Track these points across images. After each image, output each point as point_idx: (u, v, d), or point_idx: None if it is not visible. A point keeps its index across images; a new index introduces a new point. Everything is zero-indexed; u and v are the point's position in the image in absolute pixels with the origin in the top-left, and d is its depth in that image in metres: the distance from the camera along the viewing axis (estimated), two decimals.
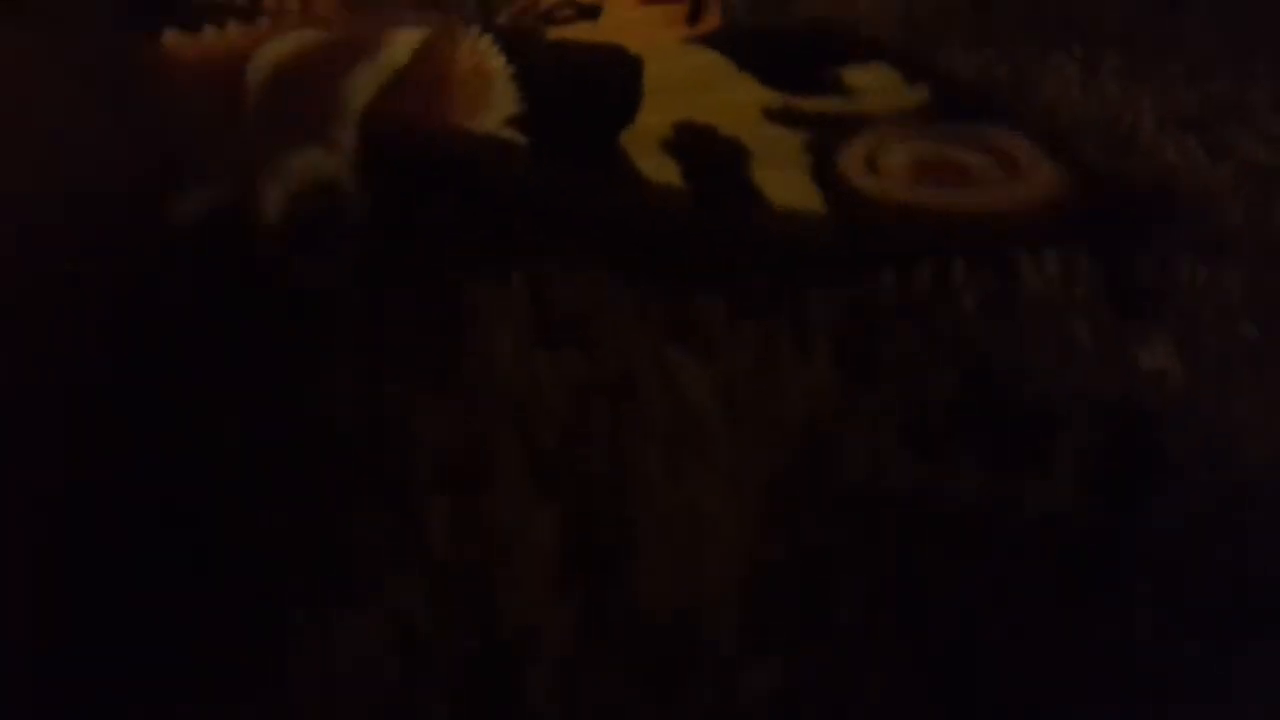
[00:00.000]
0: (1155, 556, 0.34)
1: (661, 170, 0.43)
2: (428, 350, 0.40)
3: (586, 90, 0.48)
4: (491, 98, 0.46)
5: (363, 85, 0.46)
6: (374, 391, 0.38)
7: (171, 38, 0.49)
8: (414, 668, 0.29)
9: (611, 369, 0.41)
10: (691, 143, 0.43)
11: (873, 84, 0.46)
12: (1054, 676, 0.31)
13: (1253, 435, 0.38)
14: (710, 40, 0.49)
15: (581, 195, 0.44)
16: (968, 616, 0.32)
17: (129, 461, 0.33)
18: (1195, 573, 0.34)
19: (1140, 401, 0.38)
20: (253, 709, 0.29)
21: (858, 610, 0.32)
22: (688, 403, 0.39)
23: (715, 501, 0.35)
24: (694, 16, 0.51)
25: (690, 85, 0.46)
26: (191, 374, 0.37)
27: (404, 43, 0.49)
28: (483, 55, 0.49)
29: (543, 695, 0.29)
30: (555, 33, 0.52)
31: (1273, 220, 0.49)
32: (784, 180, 0.42)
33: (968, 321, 0.41)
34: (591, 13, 0.53)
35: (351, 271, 0.43)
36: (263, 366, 0.38)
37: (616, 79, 0.46)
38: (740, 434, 0.38)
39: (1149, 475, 0.36)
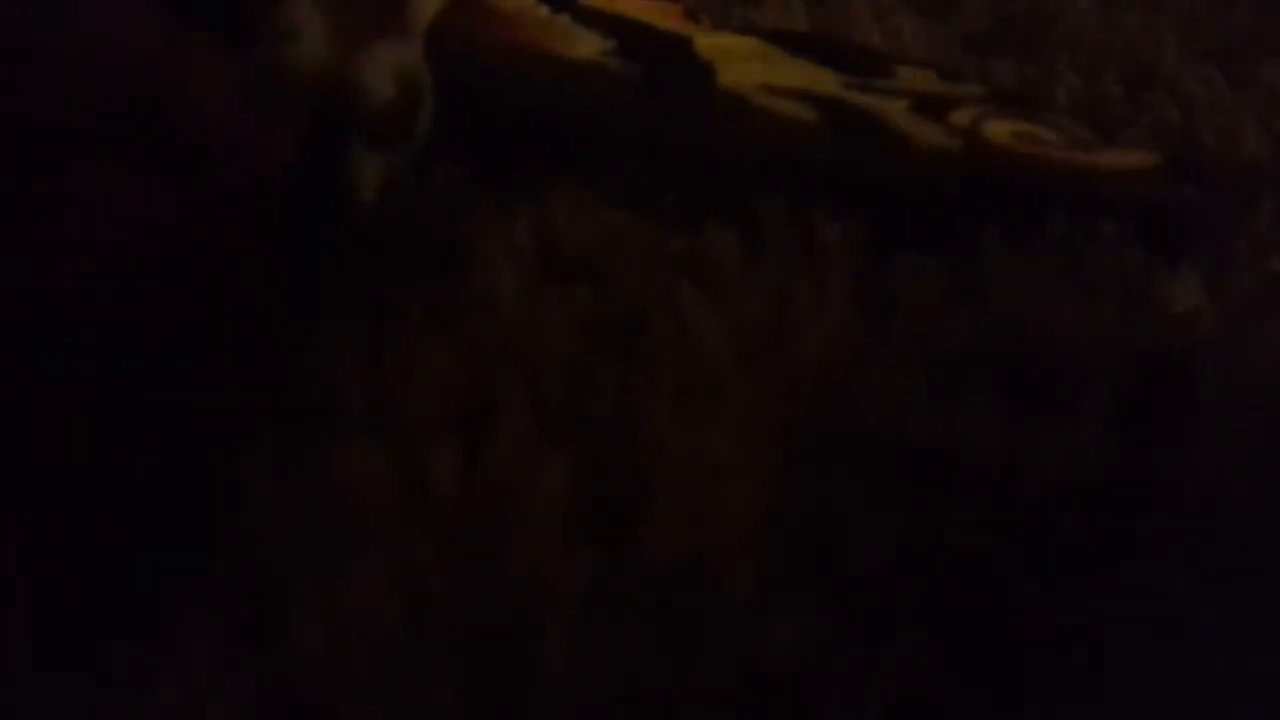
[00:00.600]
0: (1189, 501, 0.33)
1: (794, 109, 0.43)
2: (427, 288, 0.39)
3: (658, 43, 0.47)
4: (572, 34, 0.46)
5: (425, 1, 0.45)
6: (372, 332, 0.37)
7: None
8: (420, 620, 0.28)
9: (621, 307, 0.40)
10: (798, 96, 0.43)
11: (926, 79, 0.46)
12: (1082, 628, 0.30)
13: None
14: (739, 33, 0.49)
15: (709, 122, 0.44)
16: (991, 568, 0.31)
17: (126, 410, 0.32)
18: (1230, 517, 0.32)
19: (1170, 343, 0.37)
20: (254, 664, 0.28)
21: (877, 562, 0.30)
22: (700, 347, 0.38)
23: (729, 449, 0.34)
24: (693, 17, 0.51)
25: (749, 58, 0.46)
26: (185, 316, 0.35)
27: None
28: (523, 3, 0.48)
29: (556, 648, 0.28)
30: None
31: None
32: (918, 126, 0.43)
33: (989, 260, 0.40)
34: None
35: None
36: (256, 311, 0.37)
37: (672, 43, 0.46)
38: (754, 379, 0.37)
39: (1182, 418, 0.35)
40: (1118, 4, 0.62)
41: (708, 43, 0.46)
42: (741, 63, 0.45)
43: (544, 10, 0.47)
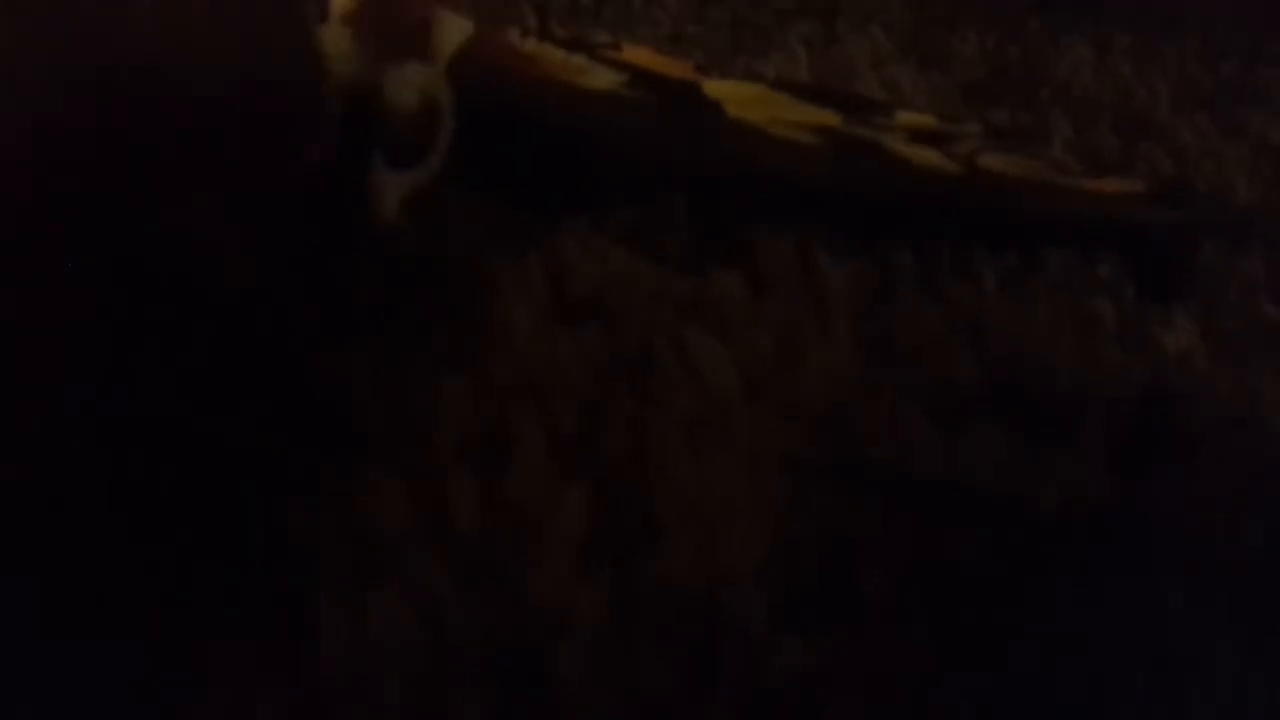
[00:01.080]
0: (1184, 534, 0.34)
1: (796, 134, 0.46)
2: (447, 326, 0.40)
3: (664, 86, 0.49)
4: (588, 70, 0.48)
5: (450, 31, 0.47)
6: (394, 369, 0.38)
7: None
8: (441, 645, 0.29)
9: (631, 345, 0.41)
10: (801, 125, 0.45)
11: (928, 120, 0.48)
12: (1083, 655, 0.31)
13: (1277, 412, 0.37)
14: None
15: (722, 149, 0.46)
16: (996, 596, 0.31)
17: (160, 441, 0.33)
18: (1224, 549, 0.33)
19: (1166, 381, 0.38)
20: (283, 690, 0.29)
21: (885, 590, 0.31)
22: (707, 383, 0.39)
23: (737, 482, 0.35)
24: (703, 70, 0.53)
25: (758, 101, 0.48)
26: (213, 350, 0.36)
27: (460, 25, 0.49)
28: (537, 48, 0.50)
29: (575, 674, 0.28)
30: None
31: None
32: (918, 152, 0.45)
33: (989, 301, 0.41)
34: (614, 47, 0.55)
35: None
36: (281, 346, 0.38)
37: (681, 85, 0.48)
38: (760, 413, 0.38)
39: (1177, 453, 0.36)
40: (1111, 53, 0.63)
41: (715, 87, 0.48)
42: (748, 102, 0.47)
43: (560, 52, 0.49)
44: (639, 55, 0.54)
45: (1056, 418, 0.37)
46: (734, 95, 0.48)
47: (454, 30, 0.47)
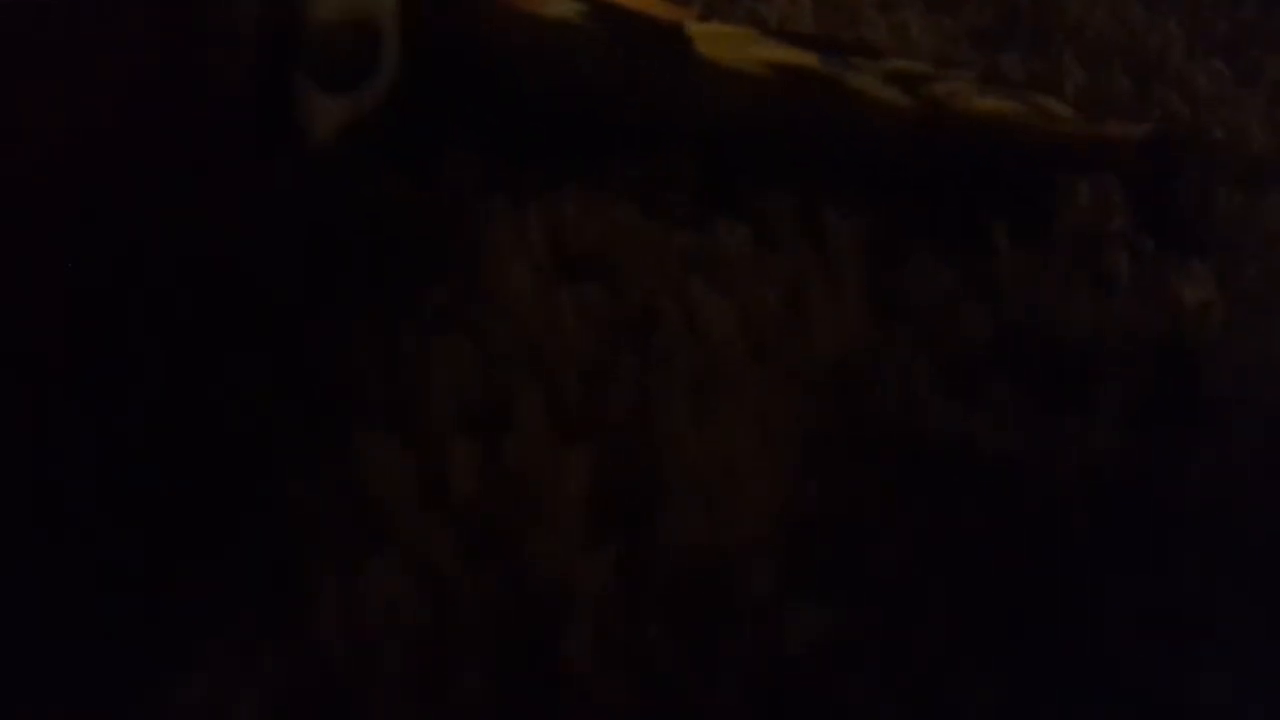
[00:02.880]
0: (1200, 500, 0.33)
1: (749, 66, 0.44)
2: (441, 286, 0.39)
3: (637, 20, 0.48)
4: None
5: None
6: (388, 330, 0.37)
7: None
8: (443, 613, 0.28)
9: (633, 303, 0.40)
10: (769, 64, 0.44)
11: (921, 67, 0.46)
12: (1095, 623, 0.30)
13: None
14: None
15: (669, 80, 0.45)
16: (1009, 561, 0.31)
17: (150, 409, 0.32)
18: (1239, 512, 0.33)
19: (1183, 339, 0.37)
20: (282, 657, 0.28)
21: (895, 555, 0.31)
22: (713, 342, 0.38)
23: (745, 446, 0.34)
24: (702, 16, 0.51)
25: (737, 40, 0.46)
26: (205, 314, 0.36)
27: None
28: None
29: (579, 644, 0.28)
30: None
31: None
32: (884, 90, 0.44)
33: (1000, 257, 0.40)
34: None
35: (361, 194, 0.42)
36: (274, 308, 0.37)
37: (660, 23, 0.47)
38: (768, 375, 0.37)
39: (1195, 412, 0.35)
40: None
41: (698, 28, 0.47)
42: (724, 40, 0.46)
43: None
44: None
45: (1070, 377, 0.36)
46: (715, 34, 0.47)
47: None
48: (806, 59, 0.46)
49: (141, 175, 0.35)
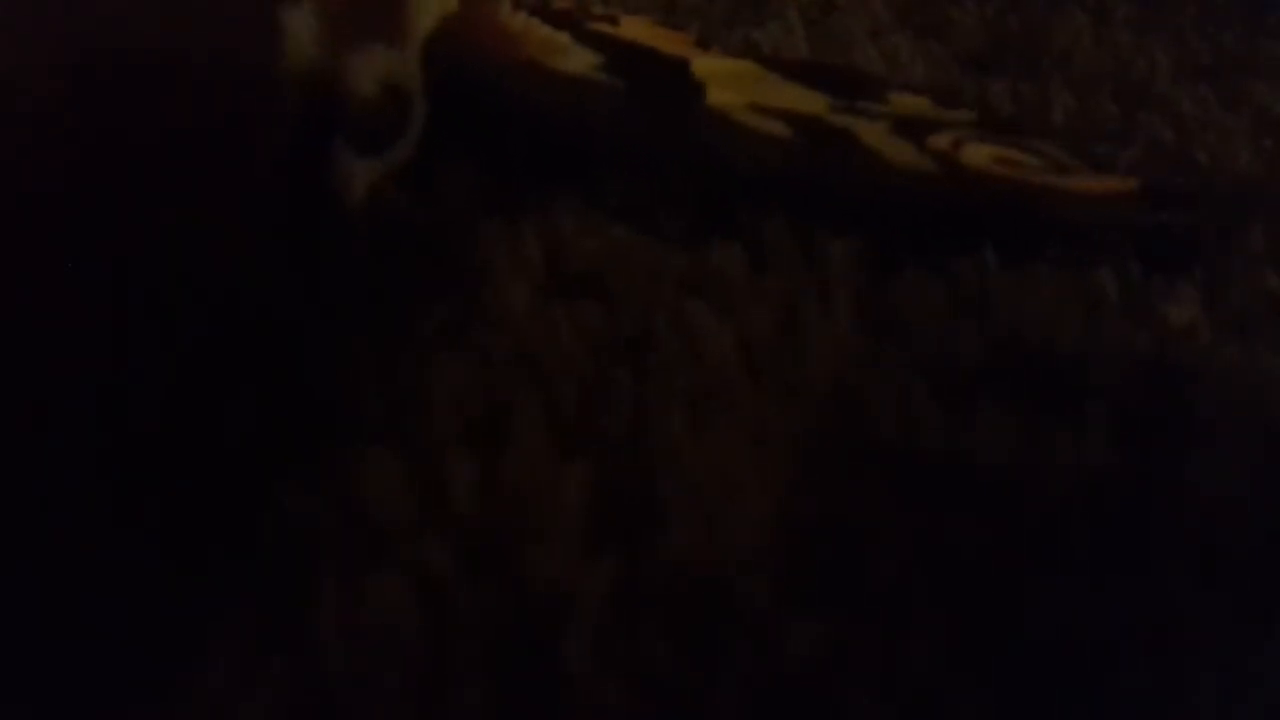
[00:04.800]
0: (1189, 514, 0.33)
1: (767, 124, 0.44)
2: (440, 303, 0.39)
3: (648, 66, 0.48)
4: (567, 50, 0.47)
5: (424, 13, 0.46)
6: (388, 346, 0.37)
7: None
8: (442, 629, 0.29)
9: (630, 322, 0.40)
10: (781, 116, 0.44)
11: (916, 104, 0.47)
12: (1089, 634, 0.31)
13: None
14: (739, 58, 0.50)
15: (687, 137, 0.45)
16: (1002, 576, 0.31)
17: (148, 420, 0.33)
18: (1229, 529, 0.33)
19: (1169, 357, 0.38)
20: (282, 672, 0.28)
21: (891, 569, 0.31)
22: (709, 361, 0.39)
23: (741, 461, 0.35)
24: (702, 45, 0.52)
25: (742, 79, 0.47)
26: (206, 330, 0.36)
27: (439, 2, 0.49)
28: (526, 23, 0.49)
29: (578, 658, 0.28)
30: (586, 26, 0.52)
31: None
32: (894, 146, 0.44)
33: (991, 276, 0.41)
34: (611, 20, 0.54)
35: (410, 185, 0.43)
36: (274, 325, 0.37)
37: (668, 64, 0.47)
38: (763, 391, 0.38)
39: (1181, 431, 0.35)
40: (1110, 23, 0.63)
41: (704, 65, 0.47)
42: (733, 83, 0.46)
43: (546, 30, 0.48)
44: (636, 27, 0.54)
45: (1061, 394, 0.37)
46: (721, 73, 0.47)
47: (431, 9, 0.46)
48: (816, 103, 0.46)
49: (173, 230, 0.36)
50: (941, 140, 0.44)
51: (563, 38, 0.48)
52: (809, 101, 0.46)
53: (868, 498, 0.33)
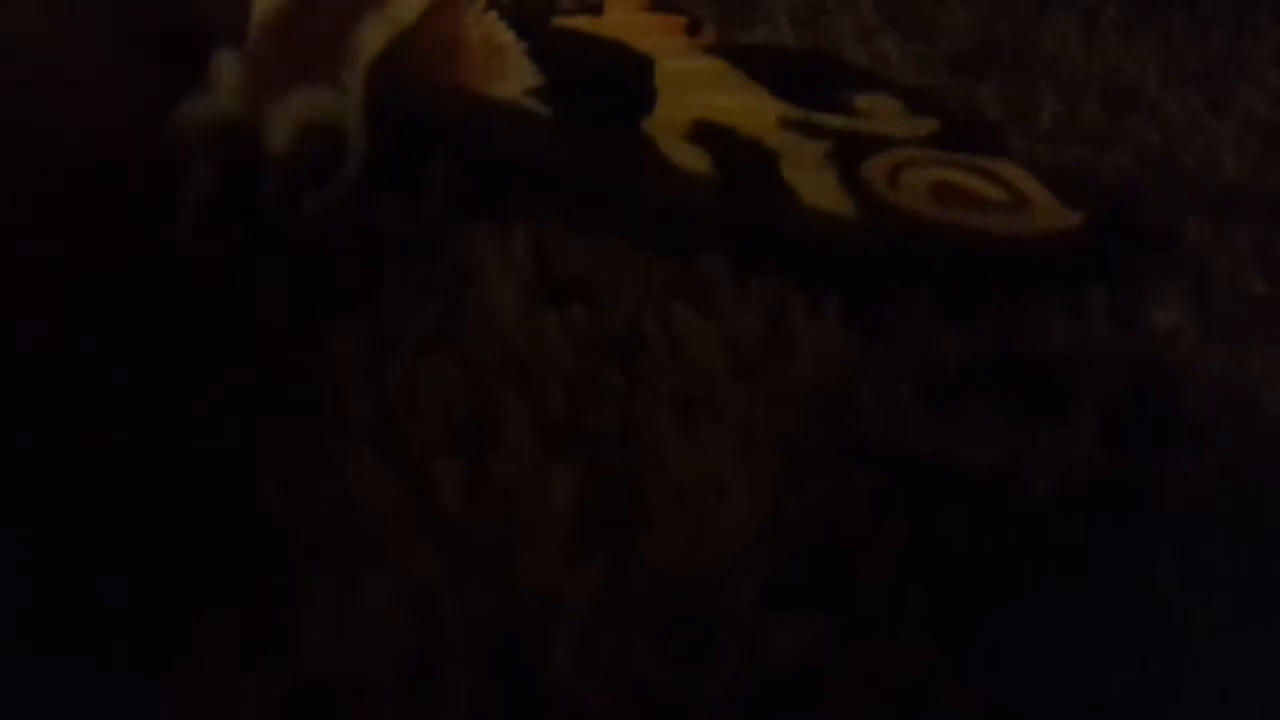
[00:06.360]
0: (1176, 514, 0.34)
1: (690, 158, 0.43)
2: (428, 309, 0.39)
3: (601, 75, 0.48)
4: (508, 67, 0.47)
5: (371, 36, 0.46)
6: (375, 351, 0.37)
7: None
8: (432, 631, 0.29)
9: (618, 325, 0.40)
10: (716, 137, 0.43)
11: (883, 110, 0.46)
12: (1075, 636, 0.31)
13: (1268, 389, 0.37)
14: (714, 52, 0.49)
15: (606, 171, 0.44)
16: (990, 576, 0.31)
17: (135, 423, 0.33)
18: (1216, 529, 0.33)
19: (1156, 359, 0.38)
20: (269, 678, 0.28)
21: (880, 570, 0.31)
22: (697, 363, 0.39)
23: (729, 462, 0.35)
24: (693, 29, 0.51)
25: (702, 86, 0.46)
26: (192, 332, 0.36)
27: (410, 2, 0.48)
28: (490, 27, 0.49)
29: (566, 660, 0.28)
30: (559, 21, 0.52)
31: (1276, 175, 0.49)
32: (814, 182, 0.42)
33: (978, 280, 0.41)
34: (594, 9, 0.53)
35: (348, 218, 0.43)
36: (261, 327, 0.37)
37: (628, 70, 0.47)
38: (751, 393, 0.38)
39: (1168, 432, 0.36)
40: (1098, 27, 0.63)
41: (671, 67, 0.47)
42: (691, 92, 0.46)
43: (505, 38, 0.47)
44: (622, 15, 0.53)
45: (1047, 397, 0.37)
46: (683, 78, 0.46)
47: (381, 29, 0.45)
48: (767, 115, 0.44)
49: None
50: (879, 166, 0.42)
51: (513, 50, 0.47)
52: (761, 113, 0.45)
53: (854, 499, 0.33)
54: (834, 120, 0.46)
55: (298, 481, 0.32)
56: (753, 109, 0.46)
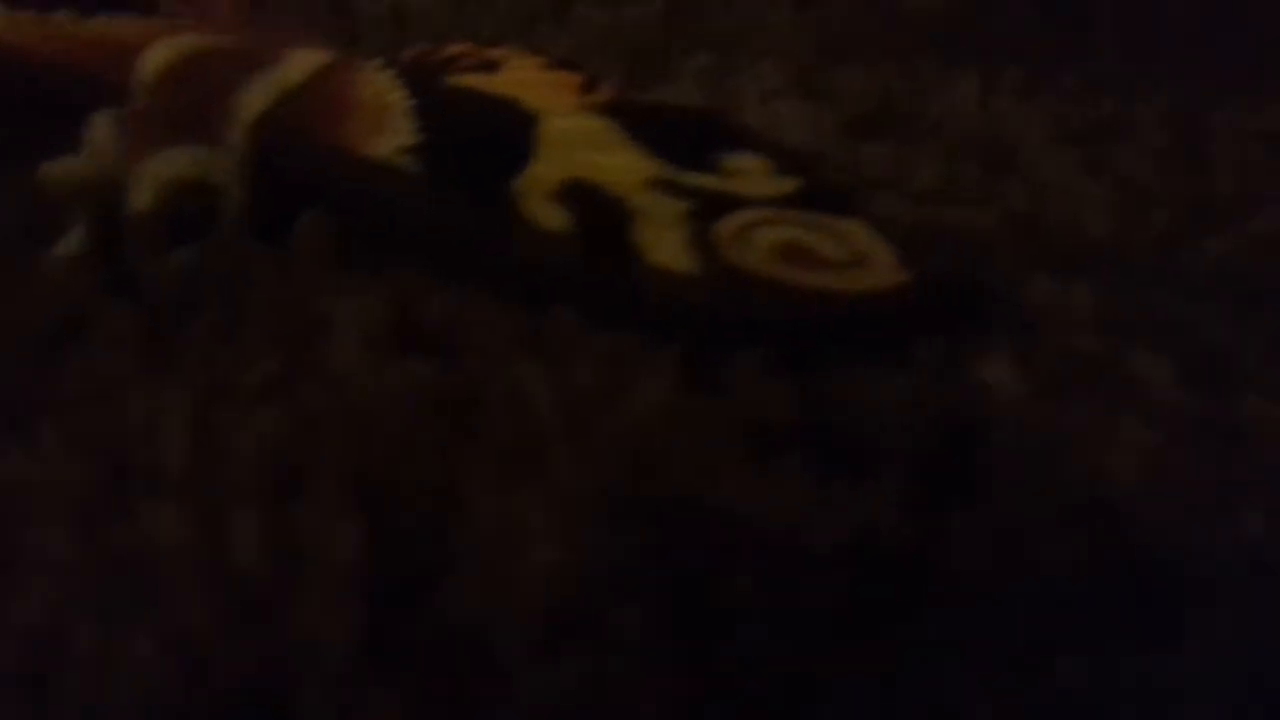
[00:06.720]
0: (963, 572, 0.34)
1: (551, 217, 0.45)
2: (267, 361, 0.40)
3: (483, 132, 0.49)
4: (388, 126, 0.48)
5: (256, 95, 0.48)
6: (204, 403, 0.38)
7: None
8: (192, 682, 0.29)
9: (459, 381, 0.41)
10: (581, 197, 0.45)
11: (749, 170, 0.48)
12: (858, 690, 0.31)
13: (1081, 451, 0.38)
14: (603, 109, 0.50)
15: (469, 228, 0.46)
16: (759, 629, 0.32)
17: None
18: (1003, 590, 0.34)
19: (965, 414, 0.38)
20: (26, 710, 0.29)
21: (644, 614, 0.32)
22: (531, 417, 0.40)
23: (539, 515, 0.35)
24: (588, 88, 0.53)
25: (582, 145, 0.48)
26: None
27: (301, 62, 0.50)
28: (381, 86, 0.50)
29: (313, 708, 0.29)
30: (454, 79, 0.53)
31: (1138, 235, 0.50)
32: (664, 241, 0.44)
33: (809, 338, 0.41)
34: (490, 67, 0.55)
35: (217, 270, 0.44)
36: (95, 379, 0.38)
37: (512, 127, 0.48)
38: (577, 447, 0.38)
39: (979, 489, 0.36)
40: (997, 89, 0.64)
41: (557, 125, 0.48)
42: (573, 150, 0.47)
43: (394, 96, 0.49)
44: (520, 73, 0.54)
45: (860, 453, 0.37)
46: (566, 135, 0.48)
47: (263, 93, 0.47)
48: (637, 175, 0.46)
49: None
50: (730, 226, 0.43)
51: (399, 108, 0.48)
52: (633, 171, 0.46)
53: (639, 550, 0.34)
54: (699, 179, 0.47)
55: (91, 524, 0.33)
56: (625, 168, 0.47)
